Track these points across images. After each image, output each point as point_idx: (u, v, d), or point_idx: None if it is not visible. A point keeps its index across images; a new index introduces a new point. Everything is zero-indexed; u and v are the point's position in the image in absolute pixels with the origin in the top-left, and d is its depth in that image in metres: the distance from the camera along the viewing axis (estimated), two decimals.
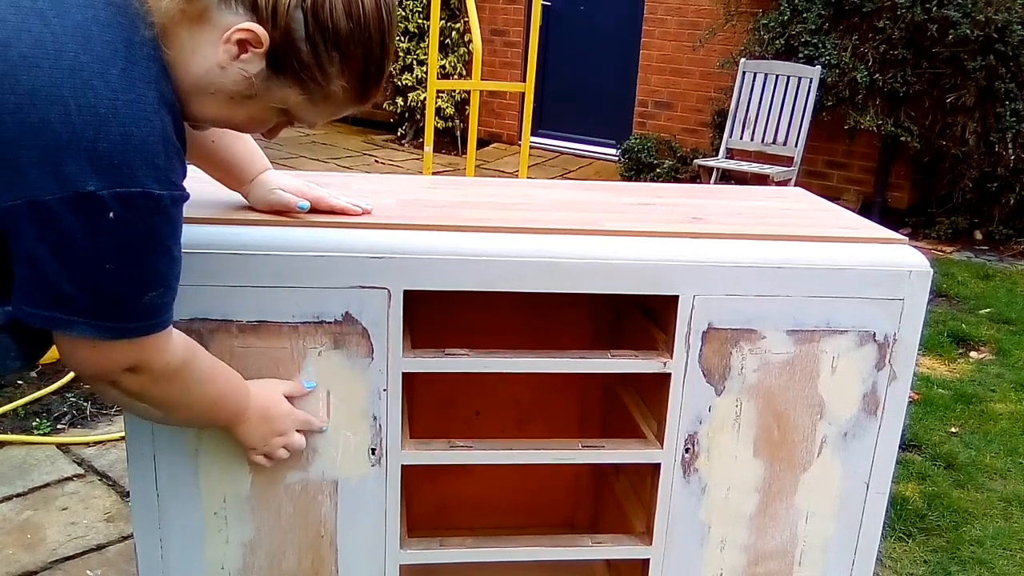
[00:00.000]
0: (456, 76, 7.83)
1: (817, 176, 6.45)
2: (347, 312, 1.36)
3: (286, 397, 1.36)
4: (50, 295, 1.00)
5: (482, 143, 7.92)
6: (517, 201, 1.69)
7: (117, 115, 0.96)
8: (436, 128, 7.26)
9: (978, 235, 5.95)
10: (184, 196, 1.06)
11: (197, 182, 1.49)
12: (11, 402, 2.87)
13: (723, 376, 1.49)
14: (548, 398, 2.00)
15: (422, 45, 8.07)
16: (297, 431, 1.38)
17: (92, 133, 0.95)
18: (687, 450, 1.51)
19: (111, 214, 0.97)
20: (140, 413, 1.23)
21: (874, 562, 1.64)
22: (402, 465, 1.45)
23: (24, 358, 1.12)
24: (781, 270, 1.45)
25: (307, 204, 1.41)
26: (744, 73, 6.13)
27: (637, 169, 7.01)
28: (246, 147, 1.41)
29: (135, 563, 1.45)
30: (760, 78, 6.08)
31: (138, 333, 1.08)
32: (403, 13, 8.16)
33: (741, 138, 6.17)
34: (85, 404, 2.91)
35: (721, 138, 6.26)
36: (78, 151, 0.94)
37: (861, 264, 1.48)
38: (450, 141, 8.09)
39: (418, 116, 8.14)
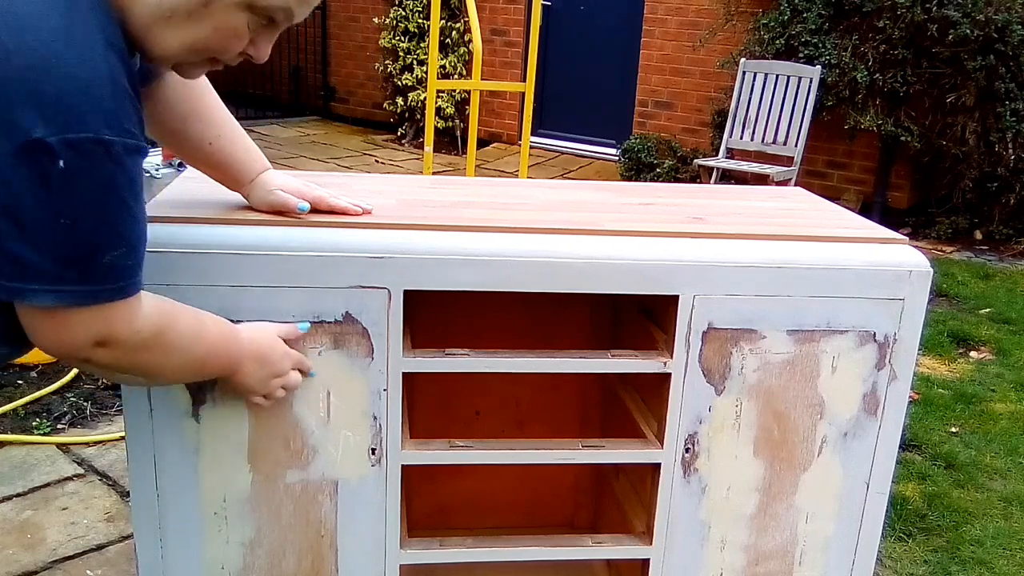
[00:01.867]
0: (456, 76, 7.84)
1: (817, 176, 6.45)
2: (347, 312, 1.37)
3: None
4: (7, 260, 0.96)
5: (482, 143, 7.92)
6: (517, 201, 1.69)
7: (60, 58, 0.92)
8: (436, 128, 7.26)
9: (978, 235, 5.95)
10: (141, 147, 1.00)
11: (197, 182, 1.49)
12: (11, 402, 2.87)
13: (723, 376, 1.49)
14: (548, 398, 2.00)
15: (422, 45, 8.07)
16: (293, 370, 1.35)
17: (34, 76, 0.91)
18: (687, 450, 1.51)
19: (61, 162, 0.92)
20: (125, 381, 1.20)
21: (874, 562, 1.64)
22: (402, 465, 1.45)
23: (10, 344, 1.08)
24: (781, 270, 1.45)
25: (307, 206, 1.40)
26: (744, 73, 6.13)
27: (637, 169, 7.01)
28: (244, 147, 1.41)
29: (135, 563, 1.45)
30: (760, 78, 6.08)
31: (101, 298, 1.02)
32: (403, 13, 8.17)
33: (741, 138, 6.17)
34: (85, 404, 2.91)
35: (721, 138, 6.25)
36: (21, 96, 0.91)
37: (861, 264, 1.48)
38: (450, 141, 8.09)
39: (418, 116, 8.15)
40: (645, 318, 1.62)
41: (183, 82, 1.34)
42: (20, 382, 3.01)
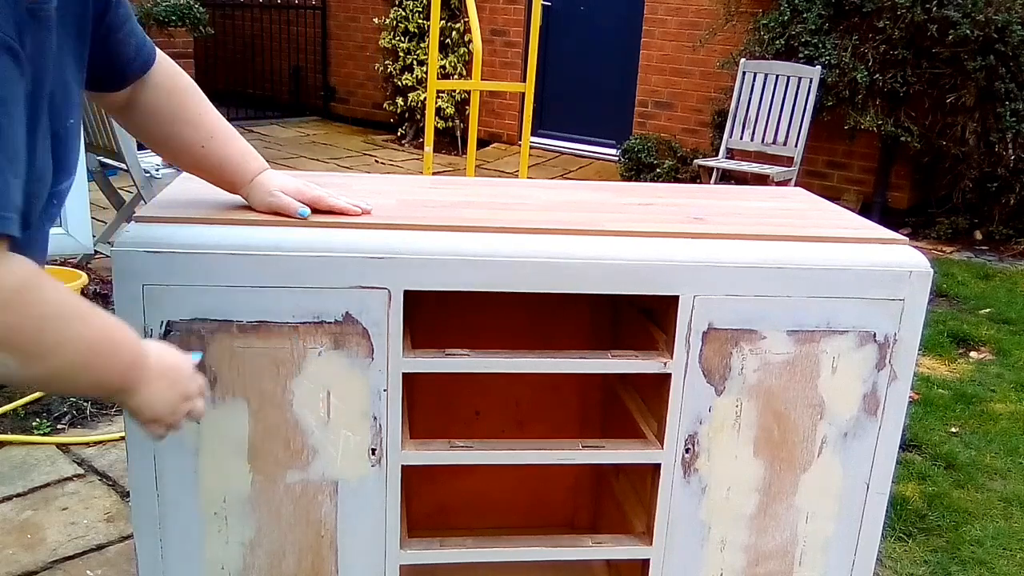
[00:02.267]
0: (456, 76, 7.84)
1: (817, 176, 6.45)
2: (347, 312, 1.36)
3: None
4: None
5: (482, 143, 7.92)
6: (517, 201, 1.69)
7: None
8: (436, 128, 7.26)
9: (978, 235, 5.95)
10: (10, 46, 0.86)
11: (197, 182, 1.49)
12: (11, 402, 2.87)
13: (723, 376, 1.49)
14: (548, 398, 2.00)
15: (422, 45, 8.07)
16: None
17: None
18: (687, 450, 1.51)
19: None
20: None
21: (874, 562, 1.64)
22: (402, 465, 1.45)
23: None
24: (781, 270, 1.45)
25: (308, 211, 1.40)
26: (744, 73, 6.13)
27: (637, 169, 7.01)
28: (240, 149, 1.40)
29: (135, 563, 1.45)
30: (760, 78, 6.08)
31: None
32: (403, 13, 8.17)
33: (741, 138, 6.17)
34: (85, 404, 2.91)
35: (721, 138, 6.25)
36: None
37: (861, 264, 1.48)
38: (450, 141, 8.09)
39: (418, 116, 8.15)
40: (645, 318, 1.62)
41: (167, 85, 1.32)
42: None
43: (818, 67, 5.81)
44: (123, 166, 4.12)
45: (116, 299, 1.33)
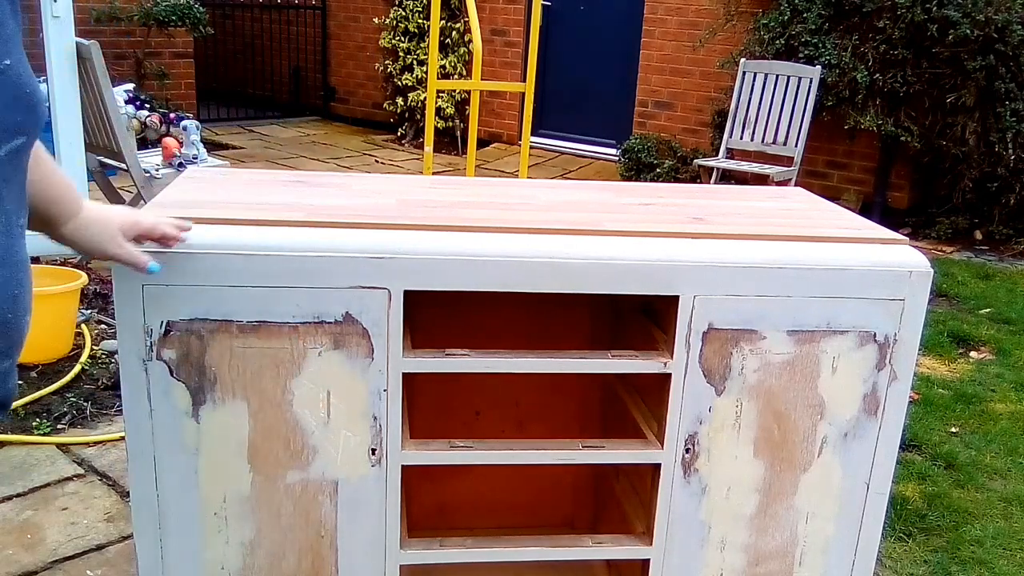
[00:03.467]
0: (456, 76, 7.84)
1: (817, 176, 6.45)
2: (347, 312, 1.36)
3: None
4: None
5: (482, 143, 7.92)
6: (517, 201, 1.69)
7: None
8: (436, 128, 7.26)
9: (978, 235, 5.95)
10: None
11: (197, 182, 1.49)
12: None
13: (723, 376, 1.49)
14: (548, 398, 2.00)
15: (422, 45, 8.07)
16: None
17: None
18: (687, 450, 1.51)
19: None
20: None
21: (874, 562, 1.64)
22: (402, 465, 1.45)
23: None
24: (781, 270, 1.45)
25: (158, 268, 1.28)
26: (744, 73, 6.13)
27: (637, 169, 7.01)
28: (63, 178, 1.17)
29: (135, 563, 1.45)
30: (760, 78, 6.08)
31: None
32: (403, 13, 8.17)
33: (741, 138, 6.17)
34: (85, 404, 2.91)
35: (721, 138, 6.25)
36: None
37: (861, 264, 1.48)
38: (450, 141, 8.09)
39: (418, 116, 8.15)
40: (645, 318, 1.62)
41: None
42: (20, 382, 3.01)
43: (818, 67, 5.81)
44: (123, 166, 4.13)
45: (116, 299, 1.33)
